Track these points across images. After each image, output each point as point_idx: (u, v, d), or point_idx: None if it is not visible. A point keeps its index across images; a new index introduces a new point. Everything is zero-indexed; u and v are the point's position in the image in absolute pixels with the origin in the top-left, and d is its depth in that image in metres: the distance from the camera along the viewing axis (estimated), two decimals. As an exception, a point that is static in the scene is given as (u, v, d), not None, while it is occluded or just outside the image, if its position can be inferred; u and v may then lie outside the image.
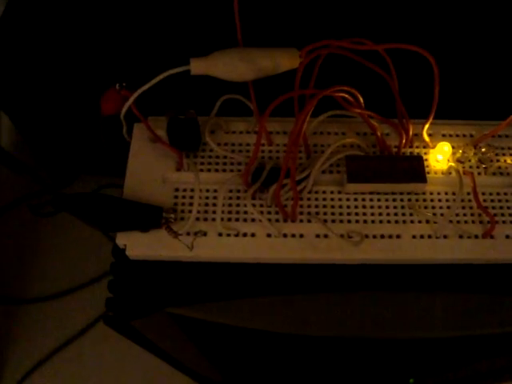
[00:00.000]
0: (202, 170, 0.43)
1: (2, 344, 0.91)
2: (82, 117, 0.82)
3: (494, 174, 0.43)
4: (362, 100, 0.41)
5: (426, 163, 0.43)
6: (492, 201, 0.42)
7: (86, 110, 0.76)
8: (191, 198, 0.41)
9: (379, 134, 0.42)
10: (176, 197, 0.42)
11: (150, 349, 0.50)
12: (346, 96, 0.40)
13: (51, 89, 0.79)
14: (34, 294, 0.94)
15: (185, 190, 0.42)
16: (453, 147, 0.44)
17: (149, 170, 0.43)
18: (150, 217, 0.40)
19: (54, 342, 0.89)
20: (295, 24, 0.50)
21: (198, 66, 0.40)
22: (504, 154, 0.44)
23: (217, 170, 0.43)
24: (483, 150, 0.43)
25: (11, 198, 1.01)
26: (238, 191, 0.42)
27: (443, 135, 0.45)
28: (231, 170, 0.43)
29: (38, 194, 1.02)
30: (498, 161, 0.44)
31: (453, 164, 0.42)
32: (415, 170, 0.41)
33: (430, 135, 0.44)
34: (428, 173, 0.43)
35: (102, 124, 0.44)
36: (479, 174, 0.43)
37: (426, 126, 0.42)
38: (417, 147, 0.44)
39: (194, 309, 0.41)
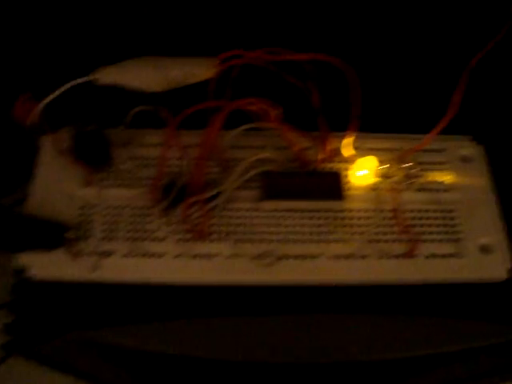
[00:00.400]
0: (111, 186, 0.40)
1: None
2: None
3: (418, 190, 0.41)
4: (277, 113, 0.39)
5: (348, 179, 0.41)
6: (415, 218, 0.41)
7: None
8: (97, 215, 0.39)
9: (297, 148, 0.40)
10: (82, 214, 0.40)
11: (66, 372, 0.47)
12: (260, 109, 0.38)
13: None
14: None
15: (91, 208, 0.40)
16: (377, 162, 0.42)
17: (55, 185, 0.40)
18: (51, 236, 0.38)
19: None
20: (213, 33, 0.48)
21: (105, 76, 0.38)
22: (430, 170, 0.42)
23: (126, 186, 0.40)
24: (406, 165, 0.41)
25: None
26: (148, 208, 0.39)
27: (368, 149, 0.43)
28: (142, 186, 0.40)
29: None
30: (423, 176, 0.42)
31: (374, 181, 0.40)
32: (332, 186, 0.39)
33: (356, 148, 0.42)
34: (349, 189, 0.41)
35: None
36: (403, 190, 0.41)
37: (347, 140, 0.40)
38: (339, 162, 0.42)
39: (100, 333, 0.39)
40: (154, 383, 0.46)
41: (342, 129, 0.41)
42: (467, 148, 0.43)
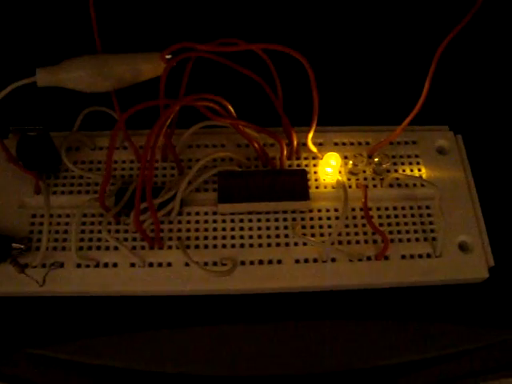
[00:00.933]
0: (62, 193, 0.38)
1: None
2: None
3: (390, 185, 0.39)
4: (231, 108, 0.36)
5: (315, 176, 0.39)
6: (388, 216, 0.38)
7: None
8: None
9: (257, 145, 0.37)
10: (33, 223, 0.37)
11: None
12: (212, 105, 0.35)
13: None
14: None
15: (43, 216, 0.37)
16: (345, 157, 0.39)
17: (4, 194, 0.38)
18: (-3, 248, 0.36)
19: None
20: (161, 27, 0.45)
21: (45, 77, 0.35)
22: (402, 163, 0.40)
23: (79, 192, 0.38)
24: (377, 159, 0.38)
25: None
26: (101, 215, 0.37)
27: (335, 144, 0.40)
28: (95, 192, 0.38)
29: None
30: (395, 171, 0.39)
31: (339, 177, 0.38)
32: (297, 185, 0.37)
33: (320, 144, 0.40)
34: (317, 187, 0.38)
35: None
36: (375, 186, 0.39)
37: (310, 135, 0.38)
38: (305, 159, 0.40)
39: (54, 348, 0.37)
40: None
41: (304, 124, 0.38)
42: (443, 138, 0.41)
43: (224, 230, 0.37)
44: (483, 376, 0.40)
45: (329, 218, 0.37)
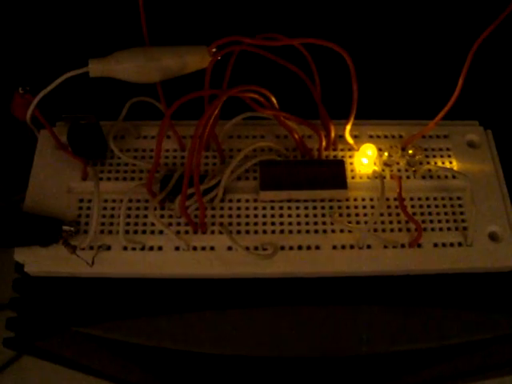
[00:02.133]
0: (109, 179, 0.40)
1: None
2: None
3: (423, 177, 0.40)
4: (274, 100, 0.38)
5: (351, 167, 0.40)
6: (421, 206, 0.40)
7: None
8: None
9: (297, 136, 0.39)
10: (81, 208, 0.39)
11: (70, 366, 0.47)
12: (256, 96, 0.37)
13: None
14: None
15: (90, 201, 0.39)
16: (380, 149, 0.41)
17: (53, 179, 0.40)
18: (48, 231, 0.38)
19: None
20: (206, 21, 0.47)
21: (96, 68, 0.37)
22: (434, 156, 0.41)
23: (125, 179, 0.40)
24: (410, 152, 0.40)
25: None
26: (146, 201, 0.39)
27: (370, 136, 0.42)
28: (140, 179, 0.40)
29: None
30: (427, 163, 0.41)
31: (376, 168, 0.39)
32: (335, 175, 0.38)
33: (355, 137, 0.41)
34: (353, 177, 0.40)
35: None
36: (408, 177, 0.40)
37: (348, 127, 0.39)
38: (342, 150, 0.41)
39: (100, 327, 0.38)
40: (160, 374, 0.45)
41: (342, 116, 0.40)
42: (473, 133, 0.42)
43: (264, 216, 0.38)
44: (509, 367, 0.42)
45: (364, 207, 0.39)
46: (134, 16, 0.38)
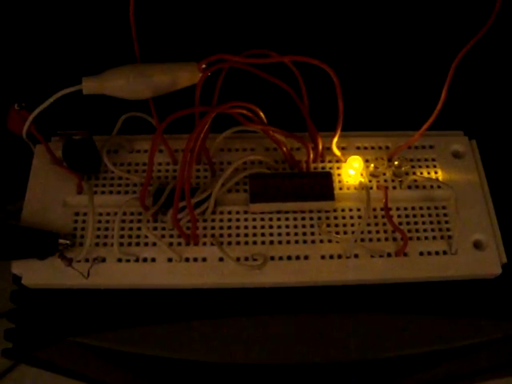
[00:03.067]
0: (103, 193, 0.41)
1: None
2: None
3: (409, 187, 0.42)
4: (262, 115, 0.39)
5: (338, 178, 0.42)
6: (407, 216, 0.41)
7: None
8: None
9: (285, 149, 0.40)
10: (76, 221, 0.40)
11: (68, 375, 0.48)
12: (244, 112, 0.38)
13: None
14: None
15: (85, 214, 0.41)
16: (367, 160, 0.42)
17: (49, 193, 0.41)
18: (44, 244, 0.39)
19: None
20: (196, 38, 0.48)
21: (90, 85, 0.38)
22: (420, 166, 0.42)
23: (119, 192, 0.41)
24: (396, 163, 0.41)
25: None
26: (140, 214, 0.40)
27: (357, 148, 0.43)
28: (133, 192, 0.41)
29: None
30: (413, 173, 0.42)
31: (362, 179, 0.41)
32: (323, 186, 0.40)
33: (343, 148, 0.43)
34: (340, 188, 0.41)
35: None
36: (394, 188, 0.42)
37: (335, 140, 0.41)
38: (329, 162, 0.43)
39: (95, 337, 0.40)
40: (155, 382, 0.47)
41: (329, 128, 0.41)
42: (458, 143, 0.43)
43: (255, 227, 0.40)
44: (497, 371, 0.43)
45: (352, 217, 0.40)
46: (125, 34, 0.39)
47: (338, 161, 0.42)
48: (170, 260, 0.39)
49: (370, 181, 0.42)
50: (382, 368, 0.42)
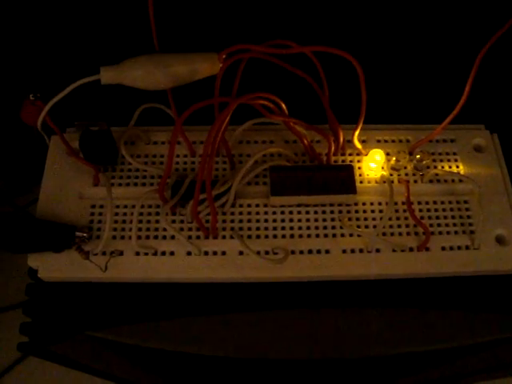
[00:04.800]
0: (120, 185, 0.41)
1: None
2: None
3: (430, 181, 0.42)
4: (284, 106, 0.39)
5: (359, 171, 0.42)
6: (429, 210, 0.41)
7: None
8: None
9: (306, 141, 0.40)
10: (92, 214, 0.40)
11: (81, 369, 0.48)
12: (266, 103, 0.38)
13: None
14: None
15: (101, 207, 0.40)
16: (388, 154, 0.42)
17: (65, 185, 0.41)
18: (61, 237, 0.39)
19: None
20: (215, 27, 0.48)
21: (108, 75, 0.38)
22: (441, 160, 0.42)
23: (136, 184, 0.41)
24: (417, 156, 0.41)
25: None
26: (158, 206, 0.40)
27: (378, 141, 0.43)
28: (151, 184, 0.41)
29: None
30: (435, 167, 0.42)
31: (384, 173, 0.41)
32: (344, 180, 0.40)
33: (363, 142, 0.43)
34: (361, 182, 0.41)
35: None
36: (415, 181, 0.42)
37: (357, 132, 0.41)
38: (350, 155, 0.43)
39: (112, 331, 0.40)
40: (170, 378, 0.47)
41: (349, 121, 0.41)
42: (480, 137, 0.43)
43: (275, 221, 0.40)
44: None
45: (373, 211, 0.40)
46: (143, 23, 0.39)
47: (358, 154, 0.42)
48: (189, 253, 0.39)
49: (390, 174, 0.41)
50: (398, 364, 0.42)
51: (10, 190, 1.02)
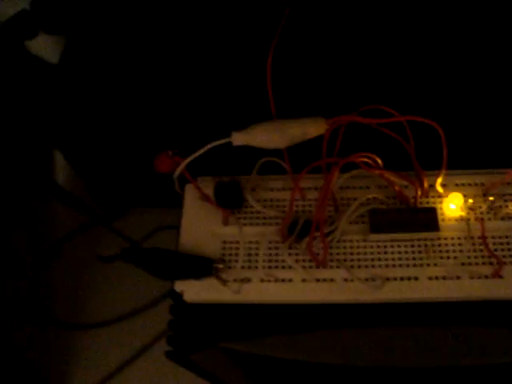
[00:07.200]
0: (245, 225, 0.53)
1: (65, 367, 1.04)
2: (133, 152, 0.93)
3: (502, 218, 0.52)
4: (380, 162, 0.50)
5: (440, 211, 0.52)
6: (501, 243, 0.51)
7: (137, 147, 0.88)
8: (237, 249, 0.51)
9: (397, 188, 0.51)
10: (224, 248, 0.52)
11: (207, 378, 0.60)
12: (367, 160, 0.49)
13: (103, 126, 0.90)
14: (91, 319, 1.07)
15: (231, 243, 0.52)
16: (464, 195, 0.52)
17: (199, 225, 0.53)
18: (202, 267, 0.51)
19: (115, 362, 1.01)
20: (320, 94, 0.59)
21: (238, 138, 0.50)
22: None
23: (258, 224, 0.53)
24: (491, 198, 0.51)
25: (65, 231, 1.15)
26: (277, 242, 0.52)
27: (456, 185, 0.53)
28: (270, 224, 0.53)
29: (90, 226, 1.15)
30: (506, 206, 0.52)
31: (463, 213, 0.51)
32: (429, 219, 0.50)
33: (443, 185, 0.53)
34: (443, 220, 0.52)
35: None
36: (489, 219, 0.52)
37: (439, 180, 0.51)
38: (432, 197, 0.53)
39: (242, 344, 0.51)
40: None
41: (431, 166, 0.51)
42: (548, 180, 0.53)
43: (373, 253, 0.51)
44: None
45: (453, 245, 0.51)
46: (261, 93, 0.50)
47: (439, 196, 0.53)
48: (304, 280, 0.50)
49: (468, 213, 0.52)
50: (483, 374, 0.52)
51: (105, 215, 1.17)
